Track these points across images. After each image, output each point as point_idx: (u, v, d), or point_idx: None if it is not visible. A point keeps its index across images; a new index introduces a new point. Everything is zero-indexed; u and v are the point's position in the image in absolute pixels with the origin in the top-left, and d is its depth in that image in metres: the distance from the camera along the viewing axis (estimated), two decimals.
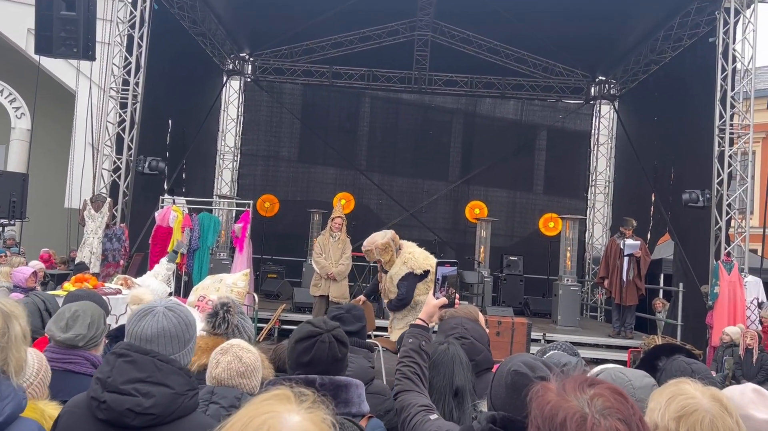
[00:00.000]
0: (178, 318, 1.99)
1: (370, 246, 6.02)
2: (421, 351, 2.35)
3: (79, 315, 2.64)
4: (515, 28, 13.27)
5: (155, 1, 10.45)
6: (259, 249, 13.76)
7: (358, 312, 2.99)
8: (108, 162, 10.31)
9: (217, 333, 2.90)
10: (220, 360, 2.44)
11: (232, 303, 3.03)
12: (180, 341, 1.98)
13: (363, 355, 2.76)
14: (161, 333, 1.96)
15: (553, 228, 14.94)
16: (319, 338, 2.18)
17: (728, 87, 9.94)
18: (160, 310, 2.00)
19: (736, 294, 9.21)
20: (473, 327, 2.81)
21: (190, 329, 2.03)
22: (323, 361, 2.16)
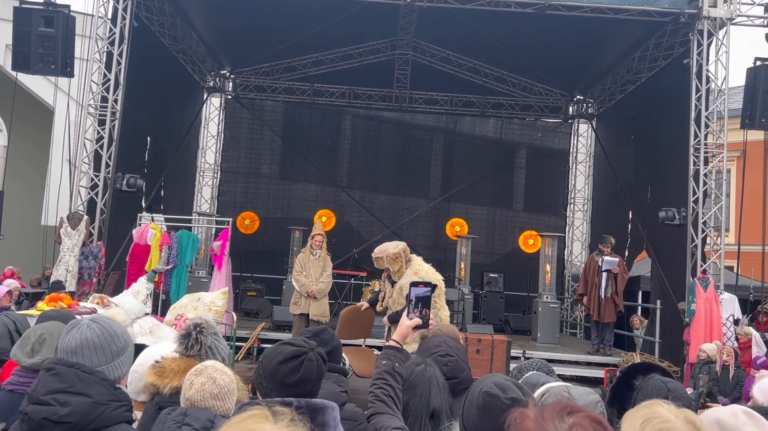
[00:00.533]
0: (102, 329, 2.02)
1: (381, 254, 6.04)
2: (394, 373, 2.33)
3: (45, 338, 2.59)
4: (494, 48, 13.44)
5: (135, 18, 10.42)
6: (238, 266, 13.66)
7: (326, 335, 2.97)
8: (86, 179, 10.21)
9: (190, 354, 2.85)
10: (193, 382, 2.41)
11: (205, 324, 2.98)
12: (105, 352, 2.00)
13: (333, 380, 2.73)
14: (84, 344, 1.98)
15: (532, 246, 15.03)
16: (307, 357, 2.16)
17: (702, 107, 10.13)
18: (85, 323, 2.03)
19: (713, 311, 9.31)
20: (456, 345, 2.82)
21: (116, 340, 2.04)
22: (312, 380, 2.14)
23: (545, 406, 1.25)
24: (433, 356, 2.68)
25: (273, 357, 2.18)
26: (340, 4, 10.80)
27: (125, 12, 10.20)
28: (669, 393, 2.33)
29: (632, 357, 10.29)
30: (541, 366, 3.31)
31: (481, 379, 2.07)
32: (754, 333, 8.90)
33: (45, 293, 8.90)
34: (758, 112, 9.96)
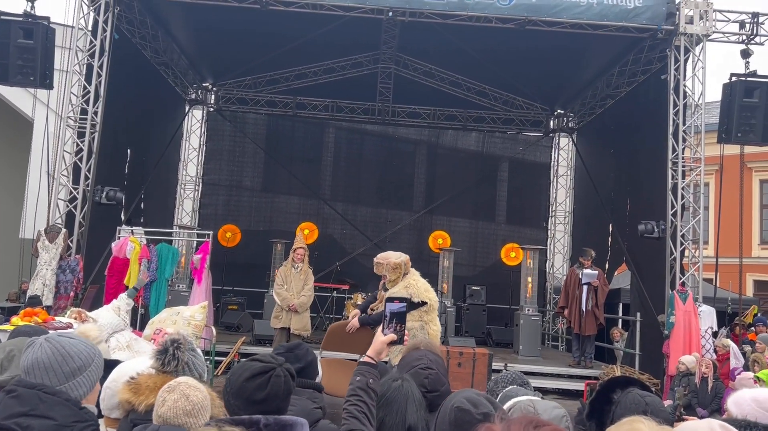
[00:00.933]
0: (54, 349, 1.97)
1: (383, 260, 6.08)
2: (368, 389, 2.32)
3: (15, 355, 2.54)
4: (476, 62, 13.56)
5: (116, 30, 10.37)
6: (219, 280, 13.56)
7: (300, 350, 2.95)
8: (64, 192, 10.10)
9: (166, 370, 2.82)
10: (166, 398, 2.37)
11: (182, 340, 2.95)
12: (57, 373, 1.96)
13: (307, 396, 2.71)
14: (35, 365, 1.95)
15: (514, 258, 15.10)
16: (274, 373, 2.14)
17: (680, 121, 10.28)
18: (38, 342, 1.99)
19: (692, 323, 9.39)
20: (436, 359, 2.81)
21: (69, 361, 1.99)
22: (279, 396, 2.12)
23: (512, 421, 1.26)
24: (414, 369, 2.67)
25: (240, 374, 2.17)
26: (323, 18, 10.84)
27: (106, 24, 10.15)
28: (647, 407, 2.34)
29: (613, 369, 10.34)
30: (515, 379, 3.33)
31: (454, 394, 2.07)
32: (732, 345, 9.00)
33: (21, 308, 8.77)
34: (734, 126, 10.12)
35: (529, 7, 10.09)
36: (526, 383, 3.23)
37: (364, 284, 13.80)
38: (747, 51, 10.44)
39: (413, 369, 2.63)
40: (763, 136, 10.19)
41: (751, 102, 10.08)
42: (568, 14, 10.11)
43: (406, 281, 6.06)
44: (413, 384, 2.53)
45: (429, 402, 2.55)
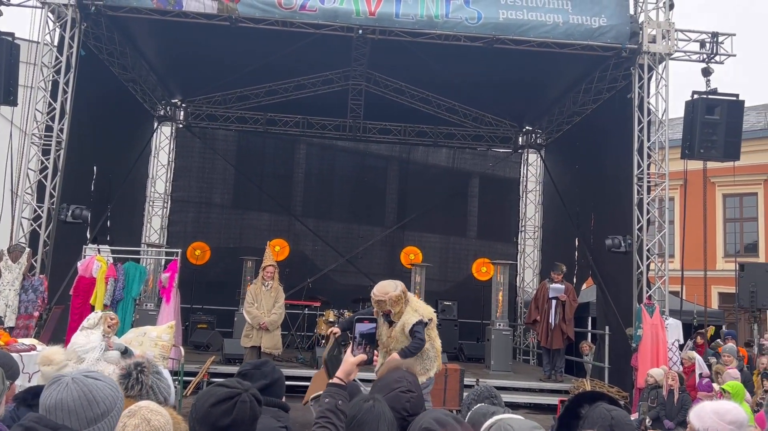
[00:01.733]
0: (80, 392, 1.88)
1: (383, 297, 6.00)
2: (337, 411, 2.31)
3: None
4: (446, 80, 13.70)
5: (83, 47, 10.25)
6: (188, 298, 13.38)
7: (267, 368, 2.93)
8: (28, 210, 9.89)
9: (130, 395, 2.77)
10: (126, 424, 2.32)
11: (146, 363, 2.91)
12: (80, 417, 1.87)
13: (272, 414, 2.68)
14: (59, 406, 1.86)
15: (485, 273, 15.19)
16: (239, 398, 2.12)
17: (645, 138, 10.50)
18: (66, 381, 1.90)
19: (659, 336, 9.53)
20: (414, 381, 2.78)
21: (94, 406, 1.91)
22: (245, 422, 2.09)
23: None
24: (395, 392, 2.64)
25: (205, 400, 2.14)
26: (294, 35, 10.86)
27: (72, 40, 10.03)
28: (612, 421, 2.37)
29: (583, 383, 10.44)
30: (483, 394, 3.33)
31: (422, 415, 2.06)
32: (697, 357, 9.15)
33: None
34: (697, 143, 10.38)
35: (496, 26, 10.25)
36: (494, 396, 3.24)
37: (336, 301, 13.74)
38: (708, 69, 10.74)
39: (393, 392, 2.60)
40: (724, 153, 10.46)
41: (712, 119, 10.35)
42: (535, 33, 10.30)
43: (412, 306, 6.09)
44: (384, 404, 2.51)
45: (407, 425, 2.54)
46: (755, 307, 12.45)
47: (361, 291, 14.38)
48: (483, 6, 10.21)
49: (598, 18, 10.35)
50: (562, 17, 10.28)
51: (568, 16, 10.30)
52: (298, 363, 11.44)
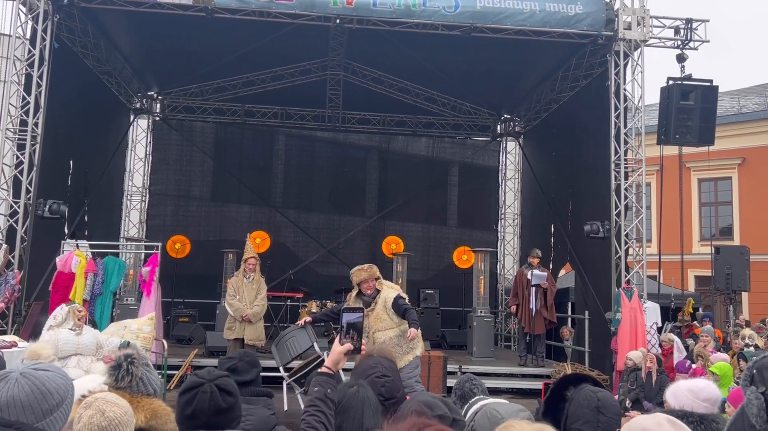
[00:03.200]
0: (32, 386, 1.86)
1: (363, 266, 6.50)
2: (326, 400, 2.34)
3: None
4: (424, 69, 13.71)
5: (56, 39, 10.08)
6: (170, 292, 13.30)
7: (251, 358, 2.95)
8: (4, 206, 9.75)
9: (120, 386, 2.76)
10: (82, 415, 2.30)
11: (136, 355, 2.90)
12: (35, 411, 1.85)
13: (262, 404, 2.71)
14: (11, 403, 1.83)
15: (466, 261, 15.29)
16: (200, 389, 2.15)
17: (621, 124, 10.63)
18: (14, 377, 1.87)
19: (637, 319, 9.70)
20: (390, 365, 2.83)
21: (48, 398, 1.89)
22: (205, 412, 2.12)
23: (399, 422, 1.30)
24: (370, 377, 2.68)
25: (180, 389, 2.17)
26: (270, 26, 10.79)
27: (45, 33, 9.86)
28: (599, 402, 2.41)
29: (564, 367, 10.58)
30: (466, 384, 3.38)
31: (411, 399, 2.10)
32: (676, 339, 9.33)
33: None
34: (672, 128, 10.54)
35: (474, 15, 10.28)
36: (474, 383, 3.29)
37: (318, 292, 13.75)
38: (682, 56, 10.88)
39: (369, 378, 2.64)
40: (699, 138, 10.64)
41: (687, 105, 10.51)
42: (512, 21, 10.35)
43: (387, 284, 6.57)
44: (369, 389, 2.55)
45: (386, 409, 2.58)
46: (731, 289, 12.72)
47: (343, 281, 14.36)
48: None
49: (574, 5, 10.43)
50: (539, 5, 10.34)
51: (545, 4, 10.36)
52: None
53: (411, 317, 6.17)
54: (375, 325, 6.26)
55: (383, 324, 6.23)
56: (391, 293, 6.26)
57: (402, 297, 6.30)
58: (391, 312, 6.21)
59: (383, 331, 6.26)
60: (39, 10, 9.78)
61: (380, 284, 6.40)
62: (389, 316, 6.21)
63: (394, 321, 6.20)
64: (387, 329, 6.24)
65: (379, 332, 6.28)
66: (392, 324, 6.24)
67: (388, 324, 6.23)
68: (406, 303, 6.26)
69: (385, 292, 6.27)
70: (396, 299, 6.23)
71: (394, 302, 6.19)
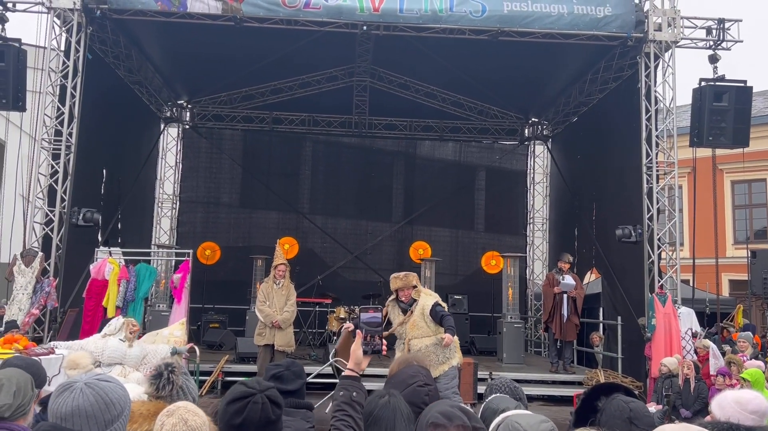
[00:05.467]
0: (96, 396, 1.91)
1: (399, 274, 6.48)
2: (353, 403, 2.32)
3: (3, 383, 2.51)
4: (450, 74, 13.68)
5: (89, 50, 10.28)
6: (200, 298, 13.44)
7: (297, 368, 2.94)
8: (40, 214, 9.94)
9: (161, 395, 2.79)
10: (165, 422, 2.34)
11: (176, 364, 2.94)
12: (98, 421, 1.89)
13: (301, 416, 2.70)
14: (76, 412, 1.87)
15: (495, 266, 15.19)
16: (252, 399, 2.14)
17: (653, 127, 10.47)
18: (79, 386, 1.91)
19: (672, 325, 9.52)
20: (428, 373, 2.79)
21: (111, 408, 1.94)
22: (254, 423, 2.12)
23: None
24: (411, 387, 2.62)
25: (226, 397, 2.18)
26: (298, 33, 10.87)
27: (78, 45, 10.06)
28: (631, 413, 2.36)
29: (596, 374, 10.44)
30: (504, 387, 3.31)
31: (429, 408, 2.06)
32: (712, 346, 9.13)
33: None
34: (705, 130, 10.35)
35: (501, 19, 10.22)
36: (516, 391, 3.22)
37: (346, 297, 13.77)
38: (714, 56, 10.69)
39: (410, 387, 2.60)
40: (733, 139, 10.43)
41: (720, 106, 10.31)
42: (540, 24, 10.27)
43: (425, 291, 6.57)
44: (400, 399, 2.52)
45: None
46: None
47: (370, 287, 14.42)
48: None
49: (603, 7, 10.31)
50: (567, 7, 10.25)
51: (573, 6, 10.26)
52: (311, 360, 11.48)
53: (447, 323, 6.14)
54: (411, 332, 6.24)
55: (420, 331, 6.20)
56: (429, 300, 6.23)
57: (440, 305, 6.26)
58: (428, 320, 6.18)
59: (419, 339, 6.23)
60: (73, 23, 9.97)
61: (417, 293, 6.36)
62: (426, 324, 6.18)
63: (431, 329, 6.17)
64: (423, 337, 6.21)
65: (416, 340, 6.25)
66: (429, 332, 6.21)
67: (425, 331, 6.20)
68: (444, 310, 6.23)
69: (423, 300, 6.24)
70: (434, 306, 6.20)
71: (431, 309, 6.16)
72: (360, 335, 2.51)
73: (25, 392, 2.56)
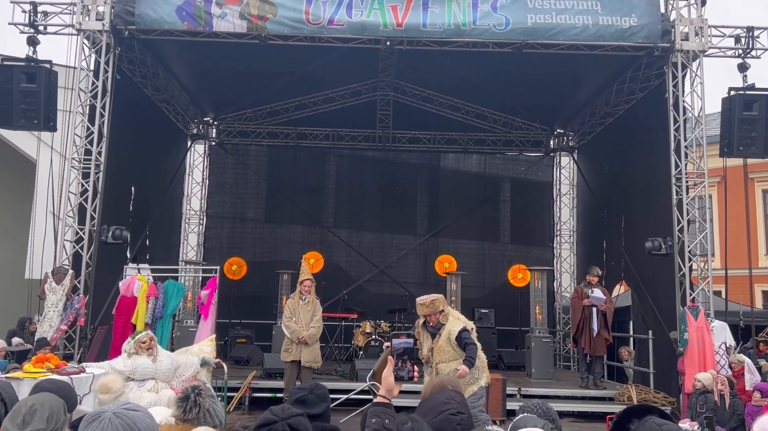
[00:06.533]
0: (125, 426, 1.92)
1: (425, 300, 6.35)
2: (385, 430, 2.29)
3: (37, 409, 2.53)
4: (474, 86, 13.66)
5: (117, 70, 10.47)
6: (227, 313, 13.51)
7: (321, 391, 2.92)
8: (70, 232, 10.10)
9: (188, 418, 2.80)
10: None
11: (203, 386, 2.95)
12: None
13: None
14: None
15: (521, 280, 15.04)
16: (273, 427, 2.16)
17: (681, 137, 10.30)
18: (107, 417, 1.93)
19: (705, 339, 9.31)
20: (462, 400, 2.70)
21: None
22: None
23: None
24: (443, 414, 2.54)
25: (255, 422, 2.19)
26: (322, 50, 10.95)
27: (107, 65, 10.24)
28: None
29: (628, 389, 10.24)
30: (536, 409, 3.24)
31: None
32: (747, 360, 8.90)
33: (30, 351, 8.73)
34: (735, 140, 10.16)
35: (525, 31, 10.17)
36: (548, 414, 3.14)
37: (372, 312, 13.75)
38: (744, 65, 10.51)
39: (442, 415, 2.54)
40: (764, 149, 10.21)
41: (750, 115, 10.12)
42: (564, 36, 10.20)
43: (454, 314, 6.45)
44: (422, 423, 2.46)
45: None
46: None
47: (396, 301, 14.39)
48: (511, 11, 10.14)
49: (629, 18, 10.20)
50: (592, 18, 10.16)
51: (598, 18, 10.17)
52: (337, 375, 11.46)
53: (468, 353, 6.07)
54: (438, 357, 6.19)
55: (447, 356, 6.15)
56: (456, 326, 6.16)
57: (467, 331, 6.18)
58: (454, 345, 6.13)
59: (447, 363, 6.18)
60: (101, 44, 10.17)
61: (445, 317, 6.29)
62: (453, 348, 6.14)
63: (458, 353, 6.13)
64: (450, 361, 6.17)
65: (443, 364, 6.22)
66: (456, 355, 6.16)
67: (452, 356, 6.15)
68: (469, 338, 6.14)
69: (450, 325, 6.17)
70: (460, 333, 6.13)
71: (458, 335, 6.11)
72: (392, 361, 2.47)
73: (58, 417, 2.58)
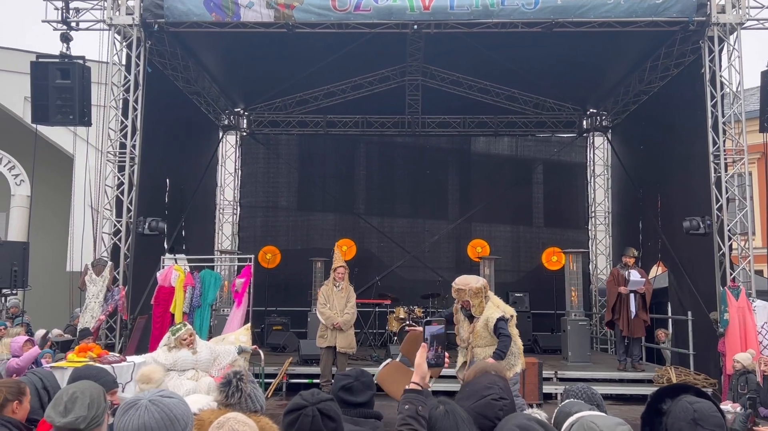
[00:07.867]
0: (161, 413, 1.96)
1: (464, 286, 6.21)
2: (418, 417, 2.28)
3: (78, 396, 2.59)
4: (504, 68, 13.48)
5: (148, 64, 10.60)
6: (263, 301, 13.68)
7: (366, 379, 2.93)
8: (108, 225, 10.33)
9: (230, 403, 2.85)
10: None
11: (244, 372, 3.00)
12: None
13: (370, 426, 2.69)
14: (141, 429, 1.93)
15: (556, 263, 14.89)
16: (303, 412, 2.21)
17: (719, 113, 10.03)
18: (143, 404, 1.97)
19: (746, 319, 9.11)
20: (505, 385, 2.66)
21: (175, 424, 1.99)
22: None
23: None
24: (486, 399, 2.53)
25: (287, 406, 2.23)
26: (349, 36, 10.92)
27: (138, 59, 10.38)
28: (695, 414, 2.24)
29: (667, 371, 10.10)
30: (580, 393, 3.22)
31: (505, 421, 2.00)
32: None
33: (74, 341, 8.97)
34: None
35: (555, 9, 9.99)
36: (593, 399, 3.11)
37: (405, 297, 13.78)
38: None
39: (484, 399, 2.52)
40: None
41: None
42: (596, 13, 9.99)
43: (494, 302, 6.29)
44: (455, 405, 2.45)
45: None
46: None
47: (429, 286, 14.39)
48: None
49: None
50: None
51: None
52: (372, 361, 11.52)
53: (499, 346, 6.03)
54: (475, 341, 6.19)
55: (483, 341, 6.15)
56: (495, 314, 6.11)
57: (504, 320, 6.12)
58: (491, 332, 6.12)
59: (483, 348, 6.18)
60: (132, 38, 10.31)
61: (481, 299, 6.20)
62: (489, 334, 6.13)
63: (495, 339, 6.11)
64: (487, 346, 6.16)
65: (479, 348, 6.22)
66: (492, 341, 6.14)
67: (489, 341, 6.15)
68: (505, 329, 6.07)
69: (488, 312, 6.14)
70: (498, 321, 6.09)
71: (495, 324, 6.07)
72: (425, 348, 2.47)
73: (99, 403, 2.64)
